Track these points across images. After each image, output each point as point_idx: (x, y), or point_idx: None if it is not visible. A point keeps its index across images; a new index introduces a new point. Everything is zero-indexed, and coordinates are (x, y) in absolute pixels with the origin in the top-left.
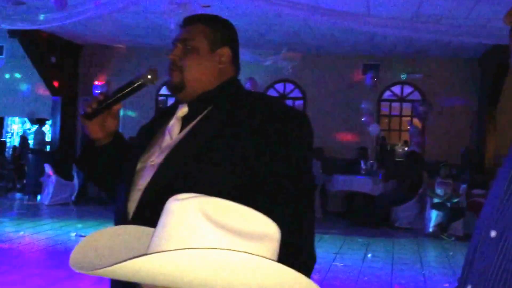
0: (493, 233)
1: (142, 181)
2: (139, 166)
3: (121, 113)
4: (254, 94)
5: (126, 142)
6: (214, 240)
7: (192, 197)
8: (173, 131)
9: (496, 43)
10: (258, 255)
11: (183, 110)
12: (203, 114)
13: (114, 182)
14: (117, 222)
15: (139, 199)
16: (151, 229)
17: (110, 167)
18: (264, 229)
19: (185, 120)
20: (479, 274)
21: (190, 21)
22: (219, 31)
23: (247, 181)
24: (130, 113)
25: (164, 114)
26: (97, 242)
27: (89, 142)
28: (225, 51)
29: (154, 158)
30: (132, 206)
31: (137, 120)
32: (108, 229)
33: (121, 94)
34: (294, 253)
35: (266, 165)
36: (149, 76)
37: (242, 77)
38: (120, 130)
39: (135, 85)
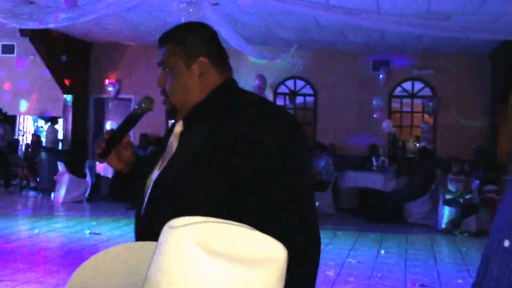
0: (506, 243)
1: (146, 197)
2: (147, 181)
3: None
4: (239, 98)
5: (147, 163)
6: (211, 271)
7: (188, 223)
8: (172, 147)
9: (507, 38)
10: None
11: (179, 126)
12: (194, 128)
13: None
14: (136, 229)
15: (144, 210)
16: (153, 245)
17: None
18: (268, 251)
19: (182, 136)
20: (493, 283)
21: (162, 42)
22: (189, 45)
23: (230, 189)
24: None
25: (172, 128)
26: (100, 265)
27: (116, 174)
28: (201, 62)
29: (156, 173)
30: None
31: None
32: (110, 250)
33: (123, 128)
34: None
35: (241, 167)
36: (143, 105)
37: (253, 74)
38: None
39: (135, 116)
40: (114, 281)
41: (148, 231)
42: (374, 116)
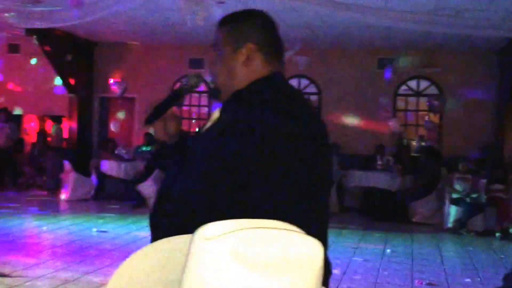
0: None
1: None
2: None
3: None
4: (277, 92)
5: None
6: (251, 284)
7: (222, 233)
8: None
9: None
10: None
11: (219, 110)
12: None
13: None
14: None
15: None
16: (185, 243)
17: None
18: (305, 252)
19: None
20: None
21: (218, 25)
22: (239, 29)
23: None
24: None
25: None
26: (133, 271)
27: (161, 144)
28: (249, 48)
29: None
30: None
31: None
32: (140, 253)
33: (170, 99)
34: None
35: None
36: (192, 81)
37: None
38: None
39: (181, 91)
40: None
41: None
42: (383, 114)
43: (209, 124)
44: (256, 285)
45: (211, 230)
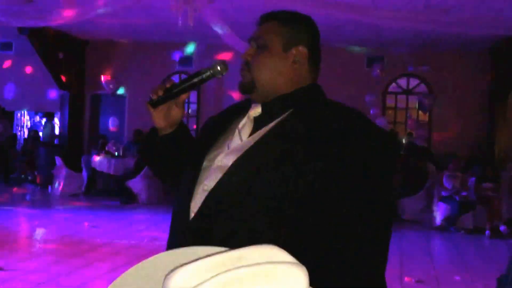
0: None
1: (208, 182)
2: (205, 164)
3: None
4: (337, 104)
5: (189, 133)
6: None
7: (198, 285)
8: (244, 131)
9: (508, 34)
10: None
11: (256, 110)
12: (280, 118)
13: (175, 174)
14: (176, 220)
15: (203, 200)
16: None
17: (172, 158)
18: (291, 285)
19: (258, 122)
20: None
21: (265, 19)
22: (295, 29)
23: (310, 198)
24: None
25: (235, 109)
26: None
27: (152, 131)
28: (301, 51)
29: (221, 159)
30: (195, 205)
31: None
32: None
33: (188, 83)
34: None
35: (338, 189)
36: (218, 68)
37: None
38: None
39: (204, 75)
40: None
41: (202, 218)
42: (371, 112)
43: (246, 121)
44: None
45: (184, 278)
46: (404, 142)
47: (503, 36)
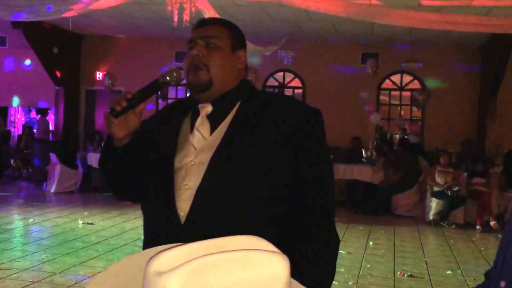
0: None
1: (188, 181)
2: (176, 165)
3: None
4: (268, 92)
5: (144, 140)
6: None
7: (173, 267)
8: (203, 130)
9: (498, 31)
10: None
11: (206, 109)
12: (233, 112)
13: (137, 185)
14: (163, 224)
15: (193, 198)
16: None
17: (133, 167)
18: (268, 272)
19: (212, 119)
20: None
21: (210, 22)
22: (237, 35)
23: (289, 174)
24: None
25: (173, 110)
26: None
27: (108, 144)
28: (242, 54)
29: (192, 158)
30: (183, 205)
31: None
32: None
33: (146, 92)
34: (325, 241)
35: (304, 159)
36: (174, 74)
37: None
38: None
39: (160, 83)
40: None
41: (196, 216)
42: (365, 108)
43: (203, 120)
44: None
45: (162, 262)
46: (397, 137)
47: (493, 33)
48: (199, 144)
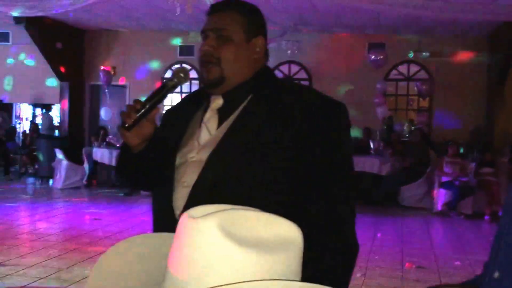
0: None
1: (186, 178)
2: (178, 161)
3: None
4: (288, 81)
5: (160, 142)
6: (239, 259)
7: (209, 212)
8: (210, 125)
9: (507, 19)
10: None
11: (217, 102)
12: (242, 106)
13: (156, 180)
14: (161, 220)
15: (188, 196)
16: (161, 240)
17: (150, 170)
18: (288, 235)
19: (222, 113)
20: (507, 263)
21: (222, 8)
22: (253, 19)
23: (296, 172)
24: None
25: (190, 102)
26: (115, 262)
27: (124, 150)
28: (260, 41)
29: (194, 154)
30: (179, 203)
31: None
32: (119, 246)
33: (157, 98)
34: (341, 239)
35: (316, 154)
36: (182, 75)
37: None
38: None
39: (169, 86)
40: (135, 272)
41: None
42: (375, 101)
43: (211, 114)
44: (248, 261)
45: (197, 211)
46: (405, 129)
47: (502, 21)
48: (204, 140)
